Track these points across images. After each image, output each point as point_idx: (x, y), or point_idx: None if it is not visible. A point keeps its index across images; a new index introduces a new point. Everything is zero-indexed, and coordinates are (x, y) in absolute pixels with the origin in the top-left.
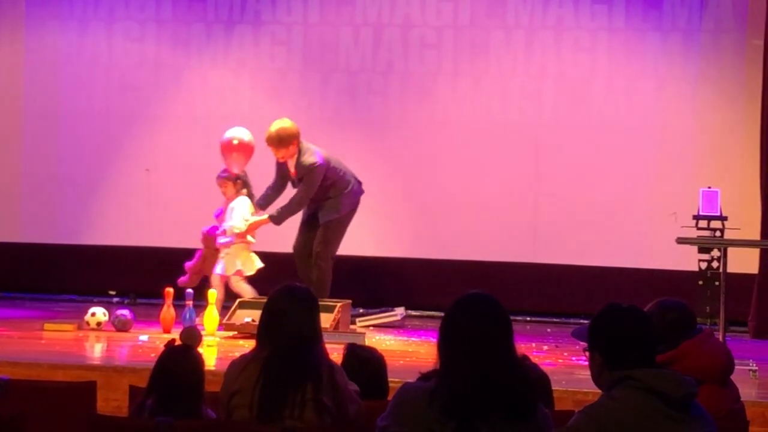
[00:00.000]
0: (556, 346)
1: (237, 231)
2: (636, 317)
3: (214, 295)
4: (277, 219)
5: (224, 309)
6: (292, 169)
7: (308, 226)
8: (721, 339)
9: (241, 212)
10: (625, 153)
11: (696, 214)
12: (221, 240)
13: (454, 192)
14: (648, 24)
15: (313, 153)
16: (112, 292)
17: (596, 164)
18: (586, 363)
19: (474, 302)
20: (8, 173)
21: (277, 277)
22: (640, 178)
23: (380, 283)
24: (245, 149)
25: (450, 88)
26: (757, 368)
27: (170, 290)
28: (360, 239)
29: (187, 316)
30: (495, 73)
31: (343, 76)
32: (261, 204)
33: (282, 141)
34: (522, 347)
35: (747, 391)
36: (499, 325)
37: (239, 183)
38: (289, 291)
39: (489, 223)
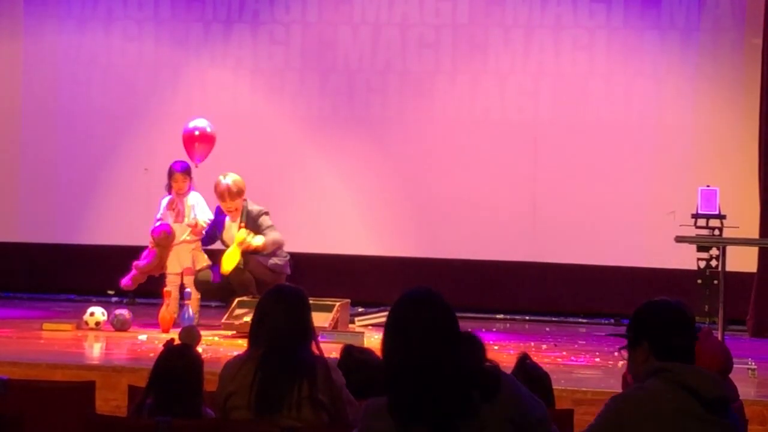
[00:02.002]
0: (555, 345)
1: (204, 225)
2: (682, 309)
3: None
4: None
5: (210, 307)
6: (235, 227)
7: None
8: (719, 338)
9: (205, 206)
10: (623, 151)
11: (695, 212)
12: (184, 237)
13: (452, 191)
14: (646, 23)
15: (255, 203)
16: (111, 292)
17: (594, 163)
18: (585, 363)
19: (413, 295)
20: (6, 173)
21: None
22: (638, 176)
23: (379, 282)
24: (209, 140)
25: (448, 87)
26: (755, 367)
27: (169, 290)
28: (358, 238)
29: (186, 315)
30: (493, 72)
31: (341, 76)
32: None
33: (239, 192)
34: (521, 346)
35: (746, 390)
36: (434, 317)
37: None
38: (278, 291)
39: (487, 221)
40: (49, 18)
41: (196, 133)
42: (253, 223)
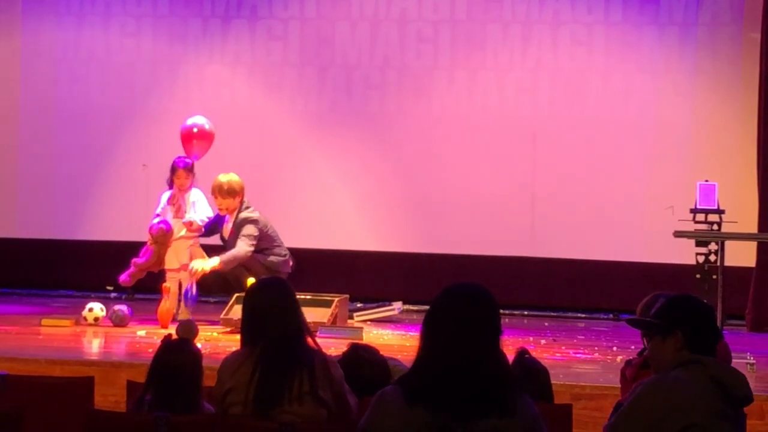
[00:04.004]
0: (553, 339)
1: (200, 224)
2: (711, 307)
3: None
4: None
5: (209, 303)
6: (228, 227)
7: None
8: None
9: (205, 204)
10: (622, 146)
11: (693, 207)
12: (183, 233)
13: (451, 186)
14: (645, 18)
15: (254, 211)
16: (110, 288)
17: (593, 158)
18: (584, 356)
19: (465, 289)
20: (5, 168)
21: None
22: (637, 171)
23: (378, 278)
24: (207, 137)
25: (447, 83)
26: (754, 361)
27: (167, 286)
28: (357, 233)
29: (189, 294)
30: (492, 68)
31: (339, 71)
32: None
33: (230, 191)
34: (520, 341)
35: None
36: (486, 314)
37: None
38: (263, 285)
39: (486, 217)
40: (47, 14)
41: (195, 130)
42: (236, 229)
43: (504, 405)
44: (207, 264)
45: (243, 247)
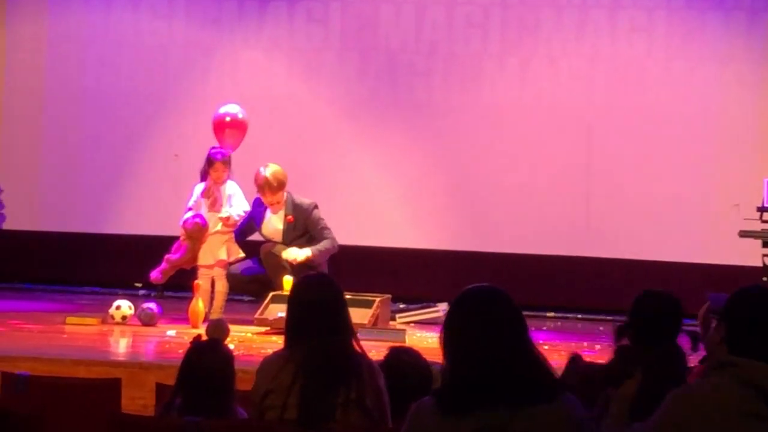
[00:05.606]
0: (609, 345)
1: (237, 219)
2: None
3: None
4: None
5: (243, 302)
6: (278, 219)
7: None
8: None
9: (242, 197)
10: (683, 140)
11: (760, 205)
12: (218, 228)
13: (500, 180)
14: (709, 2)
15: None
16: (138, 285)
17: (652, 152)
18: None
19: (476, 295)
20: (28, 158)
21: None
22: (699, 167)
23: (422, 277)
24: (240, 127)
25: (496, 70)
26: None
27: (199, 283)
28: (400, 229)
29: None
30: (545, 55)
31: (383, 57)
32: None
33: (280, 184)
34: (573, 346)
35: None
36: (504, 316)
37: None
38: (310, 282)
39: (537, 213)
40: None
41: (227, 119)
42: (303, 217)
43: (541, 395)
44: (301, 253)
45: (332, 238)
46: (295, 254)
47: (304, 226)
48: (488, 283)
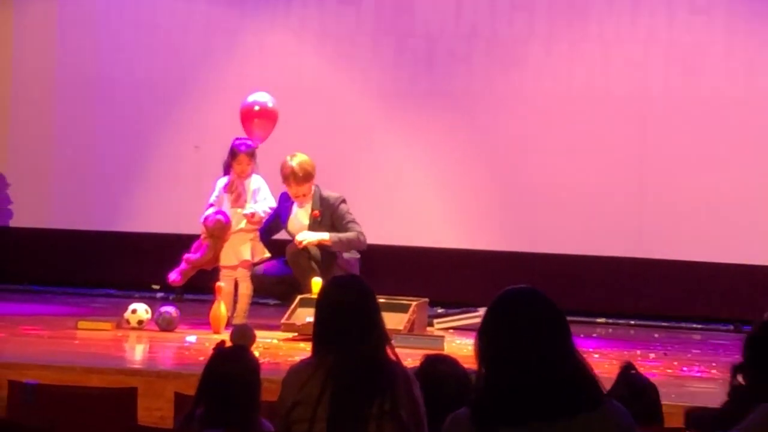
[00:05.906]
0: (664, 353)
1: (262, 216)
2: None
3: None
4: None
5: (269, 306)
6: (304, 214)
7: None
8: None
9: (268, 193)
10: (745, 132)
11: None
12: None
13: (546, 175)
14: None
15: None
16: (156, 287)
17: (711, 145)
18: (700, 374)
19: (514, 297)
20: (39, 151)
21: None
22: (762, 161)
23: (461, 279)
24: (270, 117)
25: (543, 56)
26: None
27: (221, 285)
28: (438, 229)
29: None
30: (596, 39)
31: (420, 42)
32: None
33: (306, 176)
34: (625, 354)
35: None
36: (544, 318)
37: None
38: (341, 284)
39: (586, 210)
40: None
41: (256, 108)
42: (330, 212)
43: (585, 403)
44: (315, 236)
45: (358, 232)
46: (308, 235)
47: (330, 221)
48: (533, 286)
